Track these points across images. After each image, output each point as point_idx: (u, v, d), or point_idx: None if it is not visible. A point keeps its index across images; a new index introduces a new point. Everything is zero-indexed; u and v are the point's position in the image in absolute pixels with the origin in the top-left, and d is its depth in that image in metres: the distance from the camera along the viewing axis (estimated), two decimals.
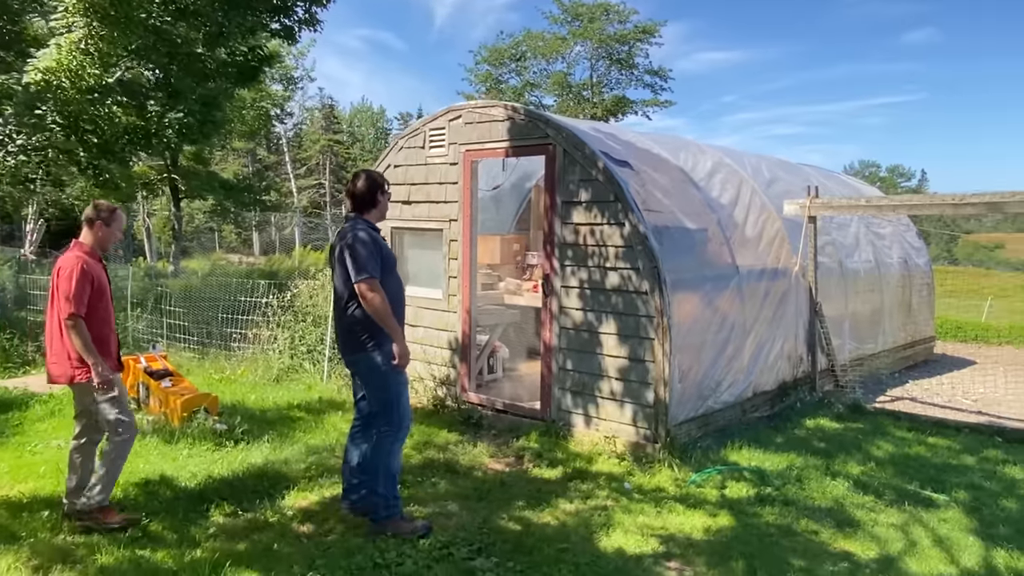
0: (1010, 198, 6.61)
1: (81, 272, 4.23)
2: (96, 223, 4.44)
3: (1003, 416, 7.52)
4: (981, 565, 4.03)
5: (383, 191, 4.41)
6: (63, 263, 4.32)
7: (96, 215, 4.45)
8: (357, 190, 4.35)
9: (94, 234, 4.45)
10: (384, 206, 4.45)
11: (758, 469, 5.40)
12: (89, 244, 4.44)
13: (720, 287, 6.23)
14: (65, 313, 4.21)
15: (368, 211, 4.34)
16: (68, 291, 4.20)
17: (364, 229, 4.20)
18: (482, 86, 35.96)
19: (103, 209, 4.50)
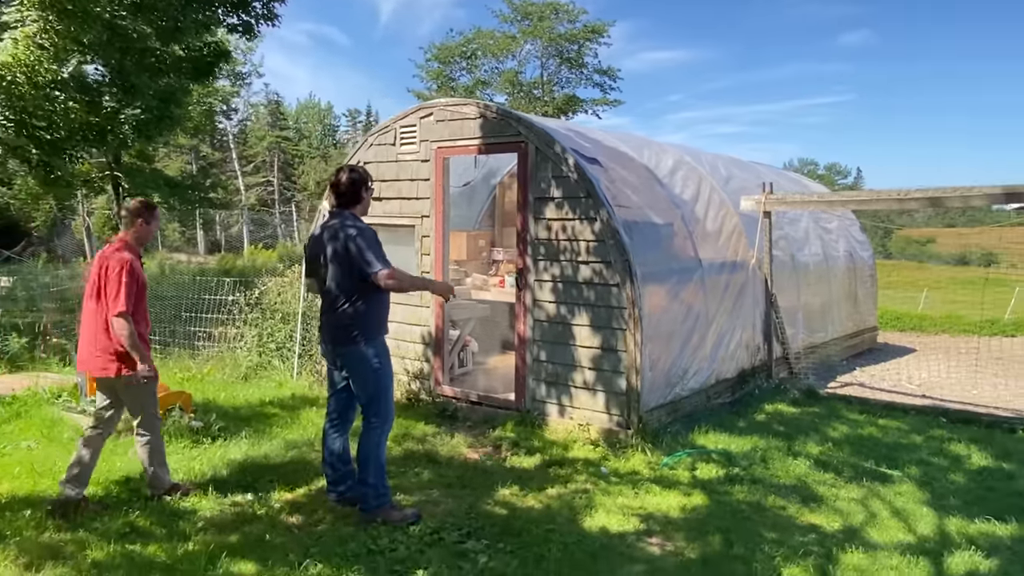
0: (951, 193, 7.06)
1: (130, 270, 4.38)
2: (138, 220, 4.59)
3: (945, 399, 8.02)
4: (935, 532, 4.36)
5: (367, 187, 4.45)
6: (110, 261, 4.42)
7: (139, 213, 4.59)
8: (342, 185, 4.36)
9: (136, 231, 4.59)
10: (368, 202, 4.49)
11: (725, 451, 5.68)
12: (132, 241, 4.57)
13: (685, 279, 6.50)
14: (115, 311, 4.34)
15: (352, 206, 4.37)
16: (117, 289, 4.33)
17: (357, 224, 4.25)
18: (433, 83, 35.93)
19: (145, 207, 4.66)
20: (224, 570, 3.81)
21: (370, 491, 4.38)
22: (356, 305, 4.24)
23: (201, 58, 10.97)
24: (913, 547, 4.13)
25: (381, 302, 4.37)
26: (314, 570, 3.80)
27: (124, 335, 4.36)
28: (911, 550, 4.07)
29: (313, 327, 7.93)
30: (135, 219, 4.58)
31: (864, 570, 3.86)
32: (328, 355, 4.53)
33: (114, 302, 4.34)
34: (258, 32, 10.44)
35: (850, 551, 4.06)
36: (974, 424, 6.79)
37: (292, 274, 8.32)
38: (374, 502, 4.38)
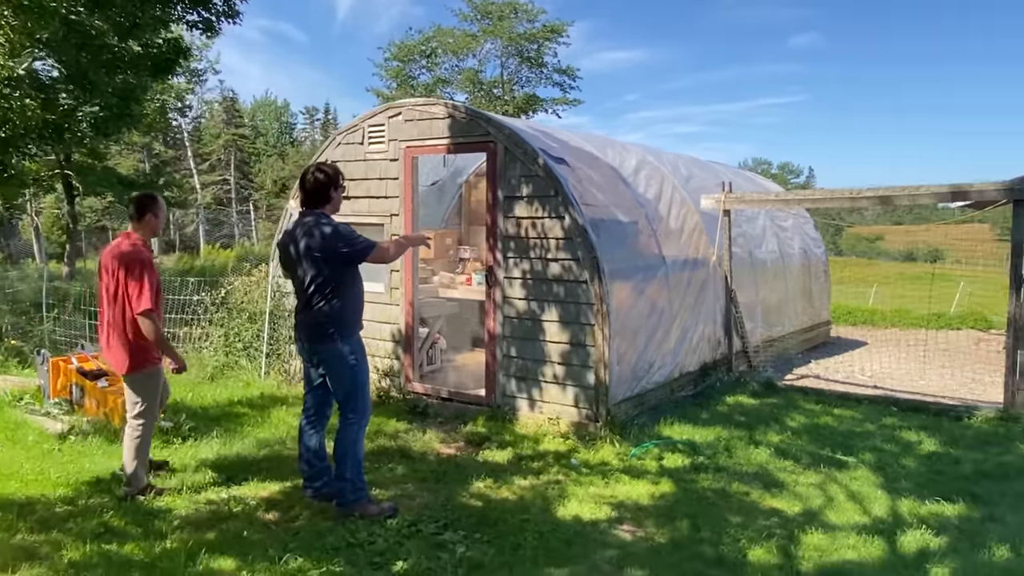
0: (899, 192, 7.39)
1: (151, 268, 4.49)
2: (147, 215, 4.63)
3: (896, 389, 8.38)
4: (889, 513, 4.60)
5: (337, 186, 4.41)
6: (126, 258, 4.47)
7: (147, 207, 4.64)
8: (309, 185, 4.35)
9: (145, 225, 4.65)
10: (338, 201, 4.47)
11: (690, 442, 5.88)
12: (139, 236, 4.62)
13: (650, 276, 6.69)
14: (140, 308, 4.42)
15: (322, 206, 4.36)
16: (140, 287, 4.41)
17: (330, 222, 4.27)
18: (393, 82, 35.78)
19: (151, 199, 4.71)
20: (204, 566, 3.83)
21: (347, 486, 4.44)
22: (331, 303, 4.28)
23: (160, 55, 10.79)
24: (869, 527, 4.36)
25: (355, 299, 4.41)
26: (294, 564, 3.85)
27: (150, 331, 4.48)
28: (867, 530, 4.30)
29: (281, 326, 7.92)
30: (144, 213, 4.64)
31: (824, 550, 4.07)
32: (304, 353, 4.56)
33: (138, 300, 4.42)
34: (219, 29, 10.34)
35: (810, 532, 4.26)
36: (923, 412, 7.13)
37: (259, 273, 8.28)
38: (351, 496, 4.44)
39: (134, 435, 4.71)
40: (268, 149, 56.41)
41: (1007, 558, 3.96)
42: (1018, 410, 6.79)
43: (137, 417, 4.72)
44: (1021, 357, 6.92)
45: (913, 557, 3.99)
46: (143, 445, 4.76)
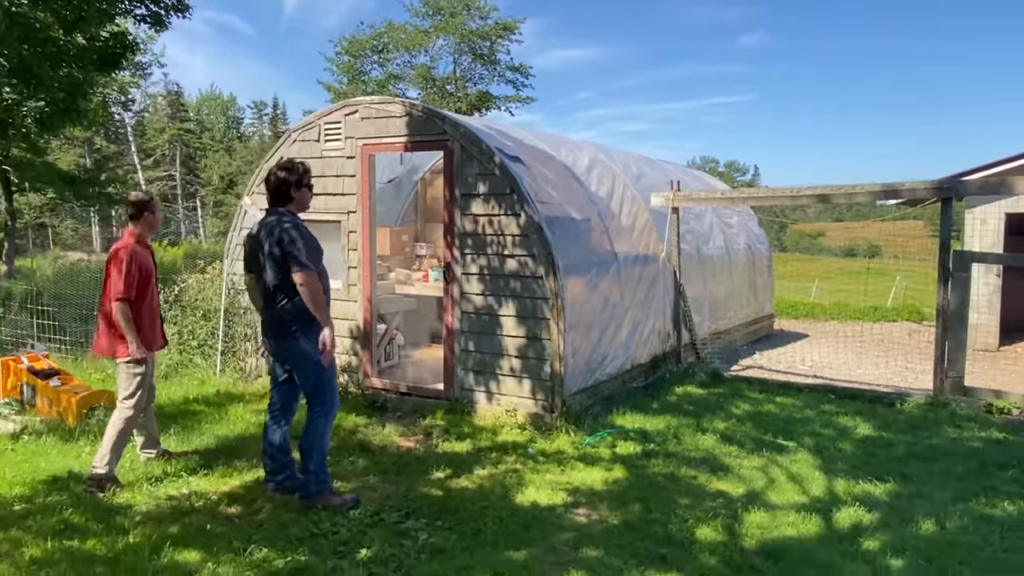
0: (837, 191, 7.77)
1: (129, 261, 4.82)
2: (145, 213, 5.00)
3: (834, 378, 8.80)
4: (826, 492, 4.90)
5: (299, 185, 4.43)
6: (113, 253, 4.90)
7: (144, 207, 5.00)
8: (271, 184, 4.43)
9: (143, 223, 5.02)
10: (303, 199, 4.51)
11: (641, 430, 6.12)
12: (137, 234, 4.99)
13: (603, 271, 6.90)
14: (115, 296, 4.80)
15: (285, 204, 4.42)
16: (117, 277, 4.80)
17: (292, 222, 4.33)
18: (344, 77, 35.45)
19: (147, 199, 5.08)
20: (169, 559, 3.89)
21: (311, 478, 4.53)
22: (294, 301, 4.34)
23: (106, 48, 10.61)
24: (807, 506, 4.64)
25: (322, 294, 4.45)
26: (259, 555, 3.94)
27: (120, 317, 4.81)
28: (805, 509, 4.59)
29: (236, 323, 7.90)
30: (142, 212, 5.00)
31: (765, 527, 4.33)
32: (270, 349, 4.62)
33: (114, 289, 4.80)
34: (168, 24, 10.21)
35: (753, 511, 4.53)
36: (859, 399, 7.53)
37: (213, 271, 8.24)
38: (315, 488, 4.54)
39: (116, 418, 4.95)
40: (214, 144, 55.19)
41: (932, 531, 4.28)
42: (946, 396, 7.23)
43: (123, 402, 4.98)
44: (948, 346, 7.37)
45: (847, 532, 4.28)
46: (124, 433, 4.95)
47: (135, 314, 4.93)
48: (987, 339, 11.40)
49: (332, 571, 3.79)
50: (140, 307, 4.97)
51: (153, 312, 5.17)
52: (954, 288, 7.30)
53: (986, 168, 11.62)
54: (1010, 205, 11.29)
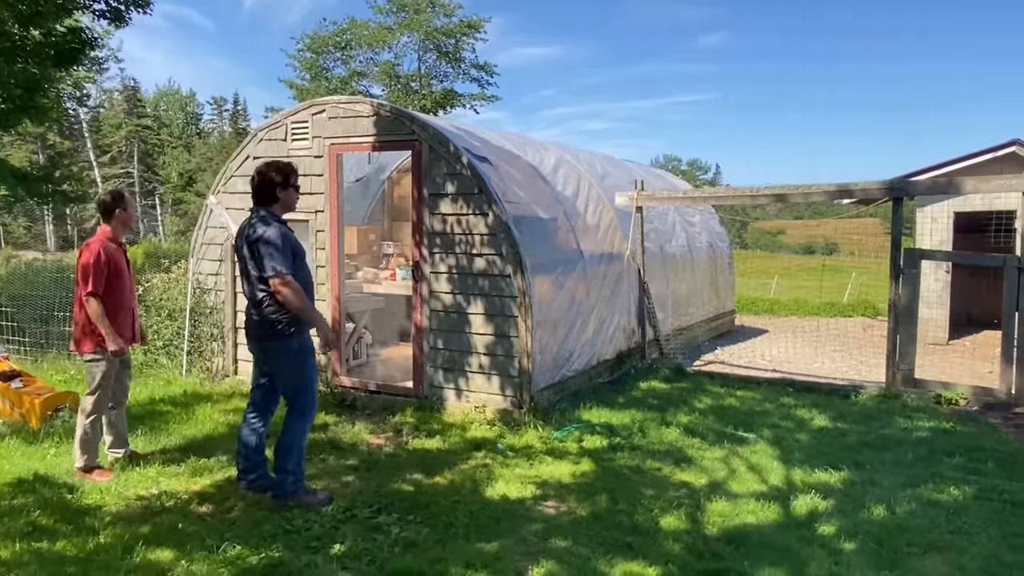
0: (794, 190, 8.03)
1: (97, 257, 4.87)
2: (116, 211, 5.04)
3: (792, 372, 9.08)
4: (784, 482, 5.10)
5: (285, 186, 4.39)
6: (82, 250, 4.98)
7: (114, 205, 5.05)
8: (254, 183, 4.43)
9: (115, 221, 5.06)
10: (289, 200, 4.46)
11: (608, 424, 6.27)
12: (110, 231, 5.03)
13: (569, 270, 7.04)
14: (84, 292, 4.85)
15: (269, 205, 4.40)
16: (86, 273, 4.84)
17: (270, 222, 4.31)
18: (307, 74, 35.10)
19: (117, 197, 5.12)
20: (141, 558, 3.90)
21: (288, 477, 4.54)
22: (276, 303, 4.33)
23: (64, 43, 10.38)
24: (766, 494, 4.83)
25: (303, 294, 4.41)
26: (233, 552, 3.97)
27: (92, 312, 4.85)
28: (764, 497, 4.77)
29: (202, 323, 7.86)
30: (113, 211, 5.03)
31: (727, 515, 4.50)
32: (252, 351, 4.63)
33: (84, 284, 4.85)
34: (128, 19, 10.05)
35: (715, 501, 4.70)
36: (816, 392, 7.80)
37: (178, 270, 8.17)
38: (291, 488, 4.56)
39: (81, 412, 5.03)
40: (173, 140, 54.17)
41: (883, 516, 4.50)
42: (898, 388, 7.53)
43: (86, 397, 5.05)
44: (900, 340, 7.67)
45: (804, 518, 4.47)
46: (89, 428, 5.01)
47: (107, 310, 4.93)
48: (937, 333, 11.84)
49: (306, 566, 3.84)
50: (112, 302, 4.98)
51: (123, 310, 5.15)
52: (905, 284, 7.60)
53: (936, 168, 12.07)
54: (958, 204, 11.74)
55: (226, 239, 7.68)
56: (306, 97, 35.20)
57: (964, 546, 4.05)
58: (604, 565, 3.84)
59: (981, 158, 11.65)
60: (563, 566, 3.83)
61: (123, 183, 41.46)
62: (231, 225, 7.62)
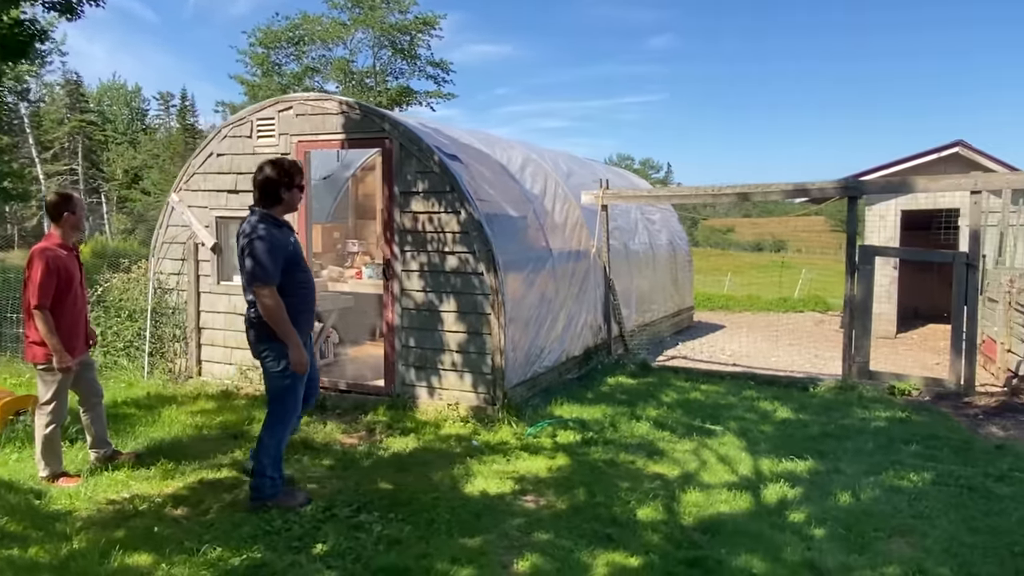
0: (754, 189, 8.25)
1: (46, 268, 4.64)
2: (64, 214, 4.79)
3: (752, 366, 9.32)
4: (753, 472, 5.26)
5: (290, 186, 4.21)
6: (31, 256, 4.70)
7: (62, 207, 4.80)
8: (257, 182, 4.23)
9: (64, 225, 4.81)
10: (292, 201, 4.28)
11: (579, 419, 6.36)
12: (58, 235, 4.80)
13: (539, 267, 7.11)
14: (32, 303, 4.67)
15: (271, 205, 4.23)
16: (34, 283, 4.64)
17: (263, 227, 4.14)
18: (258, 69, 34.46)
19: (64, 199, 4.86)
20: (119, 563, 3.83)
21: (266, 481, 4.48)
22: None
23: (12, 36, 10.01)
24: (737, 484, 4.97)
25: (292, 304, 4.26)
26: (213, 554, 3.92)
27: (41, 327, 4.69)
28: (736, 487, 4.92)
29: (164, 324, 7.70)
30: (61, 213, 4.79)
31: (701, 505, 4.63)
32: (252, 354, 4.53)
33: (32, 296, 4.66)
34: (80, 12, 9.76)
35: (689, 491, 4.82)
36: (776, 385, 8.03)
37: (138, 270, 7.98)
38: (269, 491, 4.50)
39: (38, 425, 4.92)
40: (118, 136, 52.57)
41: (849, 502, 4.68)
42: (854, 380, 7.81)
43: (41, 407, 4.91)
44: (855, 334, 7.95)
45: (775, 506, 4.63)
46: (48, 439, 4.89)
47: (57, 319, 4.76)
48: (886, 327, 12.29)
49: (290, 566, 3.82)
50: (62, 312, 4.80)
51: (76, 317, 4.98)
52: (860, 280, 7.89)
53: (883, 168, 12.53)
54: (905, 202, 12.22)
55: (188, 238, 7.54)
56: (257, 93, 34.53)
57: (926, 530, 4.25)
58: (587, 556, 3.92)
59: (926, 158, 12.14)
60: (547, 559, 3.89)
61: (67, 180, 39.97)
62: (194, 223, 7.49)
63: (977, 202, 7.47)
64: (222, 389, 7.23)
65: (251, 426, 6.23)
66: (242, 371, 7.28)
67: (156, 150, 50.16)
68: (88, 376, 5.22)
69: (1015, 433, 6.27)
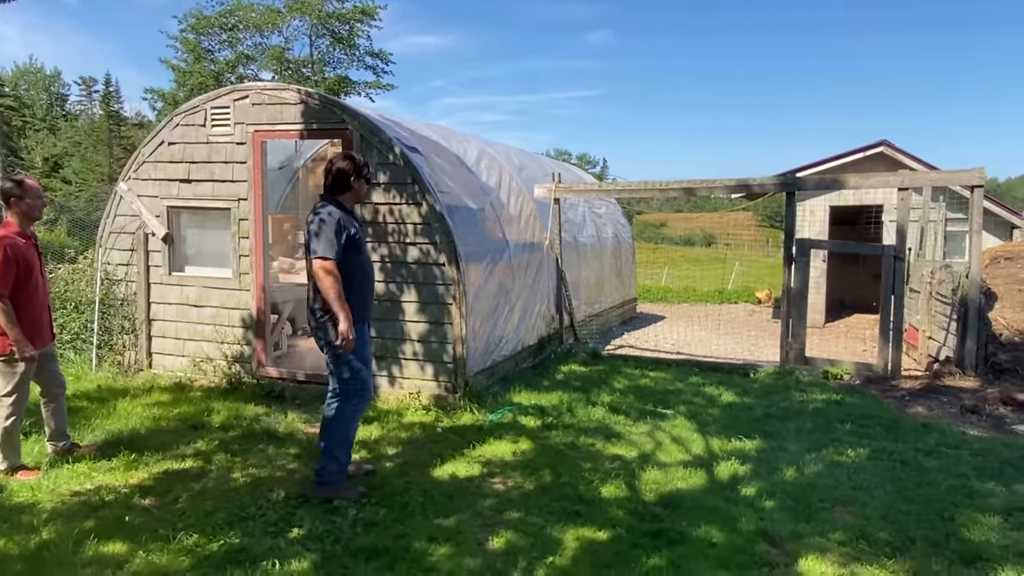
0: (699, 184, 8.61)
1: (4, 255, 4.52)
2: (12, 200, 4.63)
3: (695, 354, 9.73)
4: (704, 451, 5.57)
5: (358, 176, 4.51)
6: None
7: (11, 193, 4.64)
8: (330, 173, 4.49)
9: (17, 212, 4.67)
10: (360, 189, 4.57)
11: (538, 406, 6.57)
12: (15, 223, 4.66)
13: (497, 259, 7.27)
14: None
15: (342, 193, 4.48)
16: None
17: (331, 208, 4.35)
18: (189, 56, 33.39)
19: (15, 184, 4.69)
20: (94, 552, 3.82)
21: (332, 464, 4.53)
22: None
23: None
24: (691, 463, 5.27)
25: (354, 289, 4.39)
26: (189, 540, 3.95)
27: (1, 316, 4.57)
28: (690, 465, 5.21)
29: (112, 316, 7.53)
30: (9, 199, 4.64)
31: (660, 482, 4.89)
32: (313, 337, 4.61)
33: None
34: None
35: (647, 470, 5.08)
36: (719, 371, 8.43)
37: (84, 260, 7.76)
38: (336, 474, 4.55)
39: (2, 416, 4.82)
40: (36, 123, 50.03)
41: (794, 476, 5.03)
42: (791, 365, 8.27)
43: (1, 400, 4.80)
44: (792, 322, 8.41)
45: (727, 482, 4.93)
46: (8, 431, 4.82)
47: (18, 310, 4.68)
48: (816, 317, 12.94)
49: (269, 550, 3.88)
50: (23, 302, 4.74)
51: (39, 307, 4.92)
52: (797, 271, 8.35)
53: (813, 166, 13.18)
54: (833, 199, 12.89)
55: (138, 228, 7.39)
56: (187, 79, 33.49)
57: (866, 499, 4.61)
58: (558, 532, 4.12)
59: (853, 157, 12.83)
60: (520, 535, 4.07)
61: None
62: (144, 213, 7.34)
63: (904, 199, 8.00)
64: (175, 381, 7.14)
65: (210, 417, 6.20)
66: (195, 363, 7.20)
67: (78, 137, 47.93)
68: (51, 367, 5.12)
69: (939, 412, 6.80)
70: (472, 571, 3.66)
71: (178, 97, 32.85)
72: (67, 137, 48.18)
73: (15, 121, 41.85)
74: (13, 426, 4.85)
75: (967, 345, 7.83)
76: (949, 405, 7.03)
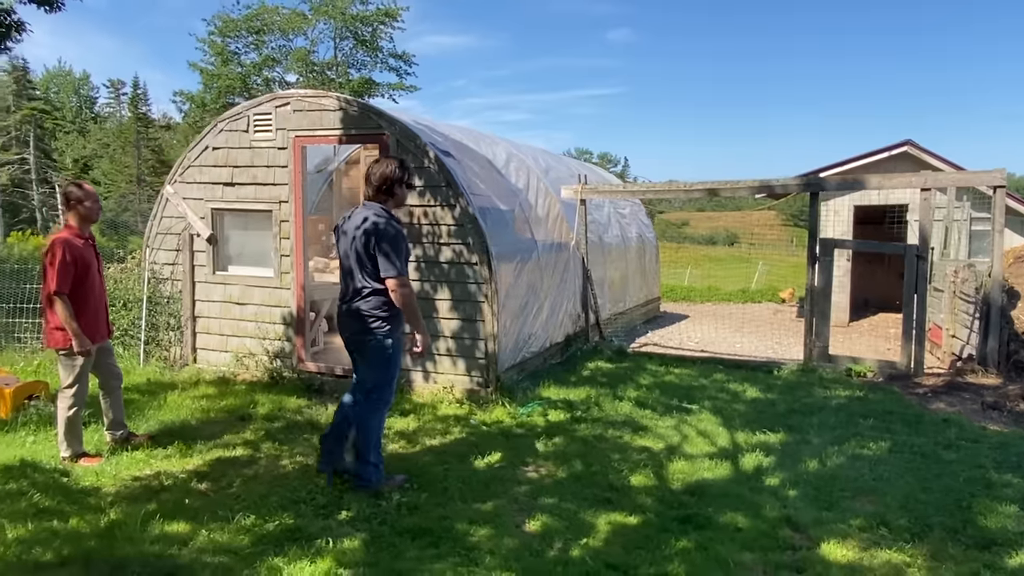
0: (723, 185, 8.79)
1: (62, 256, 4.86)
2: (73, 202, 5.00)
3: (719, 352, 9.90)
4: (729, 443, 5.77)
5: (402, 183, 4.44)
6: (51, 245, 4.90)
7: (74, 197, 5.01)
8: (373, 178, 4.39)
9: (75, 214, 5.03)
10: (403, 196, 4.50)
11: (566, 400, 6.80)
12: (75, 225, 5.02)
13: (526, 258, 7.51)
14: (50, 290, 4.85)
15: (386, 199, 4.42)
16: (50, 272, 4.87)
17: (387, 219, 4.33)
18: (216, 58, 34.00)
19: (77, 188, 5.07)
20: (160, 530, 4.12)
21: (369, 468, 4.65)
22: (377, 297, 4.39)
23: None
24: (717, 455, 5.48)
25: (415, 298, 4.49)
26: (247, 521, 4.24)
27: (60, 313, 4.90)
28: (716, 457, 5.42)
29: (159, 313, 7.88)
30: (71, 202, 5.02)
31: (687, 472, 5.11)
32: (345, 343, 4.65)
33: (51, 282, 4.88)
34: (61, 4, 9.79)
35: (675, 461, 5.30)
36: (743, 368, 8.60)
37: (132, 260, 8.13)
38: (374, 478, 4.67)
39: (60, 408, 5.14)
40: (66, 125, 51.12)
41: (817, 468, 5.22)
42: (814, 363, 8.42)
43: (63, 391, 5.12)
44: (815, 320, 8.57)
45: (752, 472, 5.13)
46: (71, 421, 5.13)
47: (76, 307, 4.98)
48: (840, 315, 13.03)
49: (322, 530, 4.16)
50: (80, 299, 5.04)
51: (96, 303, 5.23)
52: (821, 270, 8.50)
53: (837, 166, 13.26)
54: (857, 198, 12.97)
55: (183, 229, 7.73)
56: (214, 81, 34.14)
57: (886, 489, 4.80)
58: (590, 516, 4.36)
59: (878, 156, 12.90)
60: (555, 518, 4.32)
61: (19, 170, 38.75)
62: (190, 215, 7.68)
63: (927, 199, 8.13)
64: (219, 375, 7.47)
65: (255, 408, 6.51)
66: (238, 358, 7.52)
67: (106, 139, 48.93)
68: (107, 361, 5.44)
69: (960, 408, 6.93)
70: (511, 550, 3.90)
71: (205, 99, 33.49)
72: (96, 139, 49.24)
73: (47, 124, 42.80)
74: (75, 416, 5.16)
75: (989, 343, 7.94)
76: (970, 402, 7.16)
